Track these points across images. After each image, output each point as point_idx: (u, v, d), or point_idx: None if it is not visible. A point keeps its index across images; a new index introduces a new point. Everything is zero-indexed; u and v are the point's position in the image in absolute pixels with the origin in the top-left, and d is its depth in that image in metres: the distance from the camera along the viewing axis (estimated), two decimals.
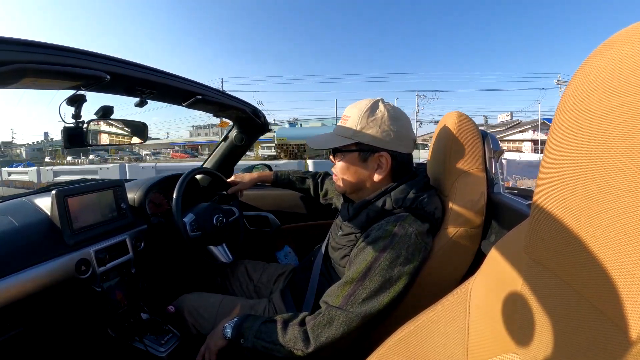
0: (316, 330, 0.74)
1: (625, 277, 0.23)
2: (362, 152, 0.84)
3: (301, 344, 0.74)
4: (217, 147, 1.54)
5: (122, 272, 1.02)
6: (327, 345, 0.74)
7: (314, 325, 0.75)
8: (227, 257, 1.26)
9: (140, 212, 1.15)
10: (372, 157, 0.83)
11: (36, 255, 0.80)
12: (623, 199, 0.23)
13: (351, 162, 0.86)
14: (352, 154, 0.85)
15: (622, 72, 0.24)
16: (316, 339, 0.73)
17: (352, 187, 0.88)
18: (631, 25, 0.25)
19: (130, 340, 0.97)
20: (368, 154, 0.83)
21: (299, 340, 0.74)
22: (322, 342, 0.73)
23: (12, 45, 0.55)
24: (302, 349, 0.74)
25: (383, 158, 0.82)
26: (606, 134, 0.25)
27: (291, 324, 0.77)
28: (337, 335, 0.73)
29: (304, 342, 0.74)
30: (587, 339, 0.27)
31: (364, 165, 0.85)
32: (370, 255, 0.76)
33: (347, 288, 0.75)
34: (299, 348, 0.74)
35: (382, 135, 0.81)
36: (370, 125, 0.82)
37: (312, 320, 0.76)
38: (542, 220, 0.32)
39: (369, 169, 0.84)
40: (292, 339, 0.75)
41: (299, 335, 0.75)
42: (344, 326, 0.73)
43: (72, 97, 0.74)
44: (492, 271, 0.44)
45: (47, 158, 11.18)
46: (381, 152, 0.82)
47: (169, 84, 0.91)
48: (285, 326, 0.77)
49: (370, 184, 0.86)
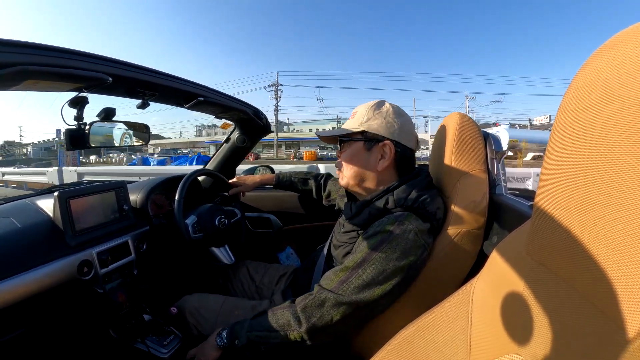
0: (307, 311, 0.76)
1: (627, 278, 0.23)
2: (367, 142, 0.87)
3: (295, 324, 0.76)
4: (219, 148, 1.55)
5: (124, 273, 1.03)
6: (320, 329, 0.75)
7: (305, 306, 0.77)
8: (229, 259, 1.26)
9: (143, 213, 1.15)
10: (376, 146, 0.86)
11: (38, 256, 0.81)
12: (625, 199, 0.23)
13: (356, 151, 0.89)
14: (357, 143, 0.88)
15: (623, 72, 0.24)
16: (308, 319, 0.75)
17: (356, 178, 0.90)
18: (632, 25, 0.25)
19: (132, 342, 0.97)
20: (372, 143, 0.86)
21: (292, 321, 0.76)
22: (313, 322, 0.75)
23: (14, 48, 0.55)
24: (296, 329, 0.76)
25: (387, 147, 0.85)
26: (607, 135, 0.25)
27: (280, 309, 0.80)
28: (328, 317, 0.75)
29: (296, 322, 0.76)
30: (589, 340, 0.27)
31: (368, 155, 0.87)
32: (368, 247, 0.77)
33: (342, 274, 0.77)
34: (293, 329, 0.76)
35: (386, 125, 0.85)
36: (375, 117, 0.86)
37: (303, 301, 0.78)
38: (544, 222, 0.32)
39: (372, 158, 0.87)
40: (285, 322, 0.77)
41: (290, 317, 0.77)
42: (335, 309, 0.75)
43: (74, 99, 0.74)
44: (494, 272, 0.44)
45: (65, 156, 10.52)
46: (385, 142, 0.85)
47: (171, 85, 0.91)
48: (275, 312, 0.80)
49: (373, 174, 0.87)
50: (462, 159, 0.84)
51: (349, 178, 0.90)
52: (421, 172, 0.89)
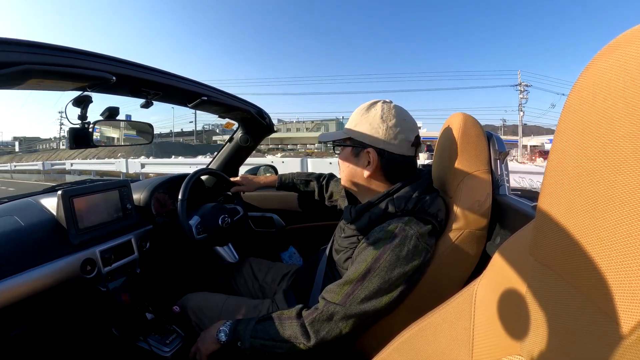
0: (315, 325, 0.75)
1: (630, 279, 0.23)
2: (354, 148, 0.87)
3: (302, 338, 0.75)
4: (222, 148, 1.55)
5: (127, 272, 1.03)
6: (327, 341, 0.75)
7: (312, 320, 0.76)
8: (233, 257, 1.27)
9: (146, 212, 1.16)
10: (362, 152, 0.86)
11: (42, 255, 0.81)
12: (629, 200, 0.23)
13: (345, 156, 0.90)
14: (346, 148, 0.89)
15: (627, 73, 0.24)
16: (316, 333, 0.75)
17: (348, 181, 0.91)
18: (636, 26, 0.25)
19: (135, 340, 0.97)
20: (359, 150, 0.86)
21: (300, 335, 0.75)
22: (322, 336, 0.74)
23: (18, 47, 0.56)
24: (303, 343, 0.75)
25: (370, 155, 0.84)
26: (611, 135, 0.25)
27: (287, 320, 0.79)
28: (336, 330, 0.74)
29: (304, 336, 0.75)
30: (593, 342, 0.27)
31: (356, 161, 0.87)
32: (370, 256, 0.76)
33: (347, 287, 0.76)
34: (300, 342, 0.75)
35: (370, 132, 0.83)
36: (361, 122, 0.85)
37: (311, 315, 0.77)
38: (548, 222, 0.32)
39: (360, 164, 0.87)
40: (292, 334, 0.76)
41: (298, 330, 0.76)
42: (343, 322, 0.74)
43: (78, 98, 0.75)
44: (497, 273, 0.44)
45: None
46: (368, 149, 0.84)
47: (175, 85, 0.92)
48: (282, 322, 0.79)
49: (363, 179, 0.87)
50: (465, 160, 0.84)
51: (344, 180, 0.92)
52: (422, 174, 0.89)
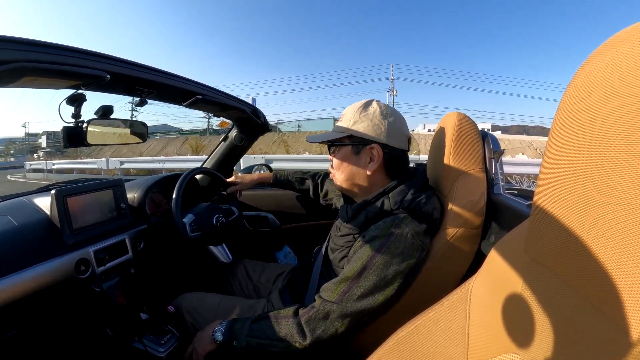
0: (312, 324, 0.76)
1: (625, 277, 0.23)
2: (354, 146, 0.86)
3: (298, 336, 0.75)
4: (217, 147, 1.54)
5: (122, 272, 1.02)
6: (323, 340, 0.75)
7: (308, 319, 0.76)
8: (227, 257, 1.26)
9: (140, 212, 1.15)
10: (364, 150, 0.85)
11: (35, 255, 0.80)
12: (623, 199, 0.23)
13: (344, 155, 0.88)
14: (346, 147, 0.88)
15: (622, 72, 0.24)
16: (312, 332, 0.75)
17: (347, 182, 0.89)
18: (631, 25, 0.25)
19: (130, 341, 0.97)
20: (360, 147, 0.86)
21: (295, 334, 0.76)
22: (318, 335, 0.75)
23: (12, 44, 0.55)
24: (299, 341, 0.75)
25: (374, 150, 0.84)
26: (606, 134, 0.25)
27: (284, 318, 0.79)
28: (332, 329, 0.75)
29: (300, 335, 0.76)
30: (587, 339, 0.27)
31: (357, 159, 0.86)
32: (366, 254, 0.77)
33: (343, 285, 0.76)
34: (296, 341, 0.76)
35: (373, 128, 0.84)
36: (362, 119, 0.85)
37: (307, 314, 0.77)
38: (543, 221, 0.32)
39: (361, 162, 0.86)
40: (288, 333, 0.76)
41: (294, 329, 0.76)
42: (339, 321, 0.75)
43: (72, 96, 0.74)
44: (492, 272, 0.44)
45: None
46: (372, 145, 0.84)
47: (169, 83, 0.91)
48: (278, 321, 0.79)
49: (364, 177, 0.87)
50: (460, 159, 0.84)
51: (341, 181, 0.90)
52: (417, 173, 0.89)
